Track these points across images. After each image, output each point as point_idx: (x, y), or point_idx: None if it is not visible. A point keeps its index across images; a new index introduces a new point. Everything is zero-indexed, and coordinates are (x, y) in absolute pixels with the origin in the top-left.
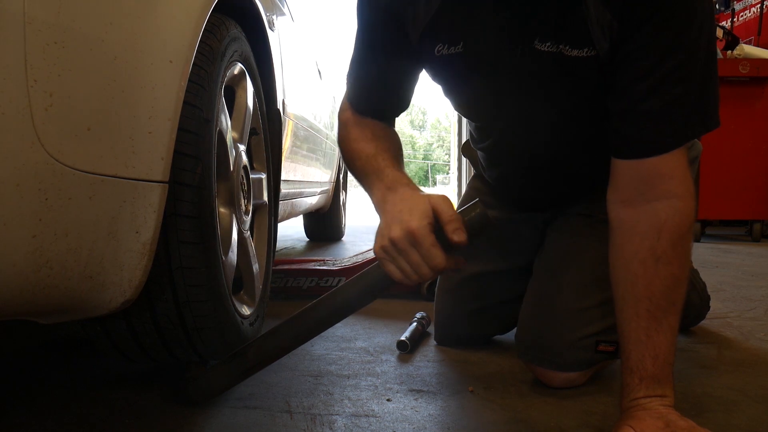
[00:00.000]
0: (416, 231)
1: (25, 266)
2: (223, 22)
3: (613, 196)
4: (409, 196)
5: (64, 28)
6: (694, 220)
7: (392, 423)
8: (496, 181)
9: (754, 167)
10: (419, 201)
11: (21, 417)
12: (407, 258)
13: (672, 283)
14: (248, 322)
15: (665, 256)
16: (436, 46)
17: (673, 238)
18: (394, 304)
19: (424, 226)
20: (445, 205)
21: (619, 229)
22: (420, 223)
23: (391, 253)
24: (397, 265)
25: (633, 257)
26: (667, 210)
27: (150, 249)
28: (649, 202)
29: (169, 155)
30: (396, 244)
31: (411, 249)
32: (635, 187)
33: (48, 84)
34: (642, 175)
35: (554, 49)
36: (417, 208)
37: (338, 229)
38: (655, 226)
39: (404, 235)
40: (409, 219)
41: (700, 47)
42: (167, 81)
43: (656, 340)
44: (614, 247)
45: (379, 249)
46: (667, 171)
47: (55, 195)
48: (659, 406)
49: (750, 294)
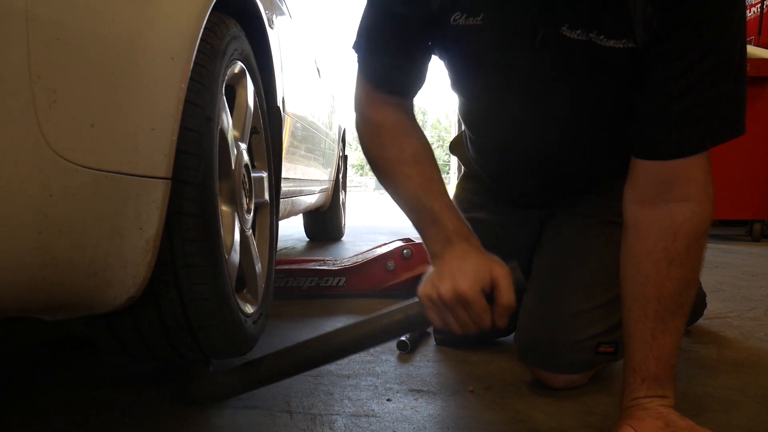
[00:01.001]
0: (466, 294)
1: (30, 262)
2: (223, 21)
3: (631, 195)
4: (470, 255)
5: (67, 24)
6: (710, 224)
7: (392, 423)
8: (495, 177)
9: (754, 167)
10: (479, 265)
11: (21, 417)
12: (454, 315)
13: (683, 286)
14: (252, 320)
15: (679, 258)
16: (453, 13)
17: (688, 241)
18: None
19: (477, 291)
20: (506, 284)
21: (633, 228)
22: (473, 286)
23: (438, 305)
24: (442, 317)
25: (646, 257)
26: (685, 212)
27: (154, 246)
28: (667, 204)
29: (171, 152)
30: (444, 300)
31: (459, 308)
32: (655, 188)
33: (51, 80)
34: (664, 177)
35: (584, 38)
36: (474, 272)
37: (338, 229)
38: (672, 228)
39: (453, 295)
40: (462, 279)
41: (736, 51)
42: (169, 78)
43: (661, 341)
44: (627, 246)
45: (425, 297)
46: (690, 174)
47: (60, 191)
48: (659, 406)
49: (750, 294)
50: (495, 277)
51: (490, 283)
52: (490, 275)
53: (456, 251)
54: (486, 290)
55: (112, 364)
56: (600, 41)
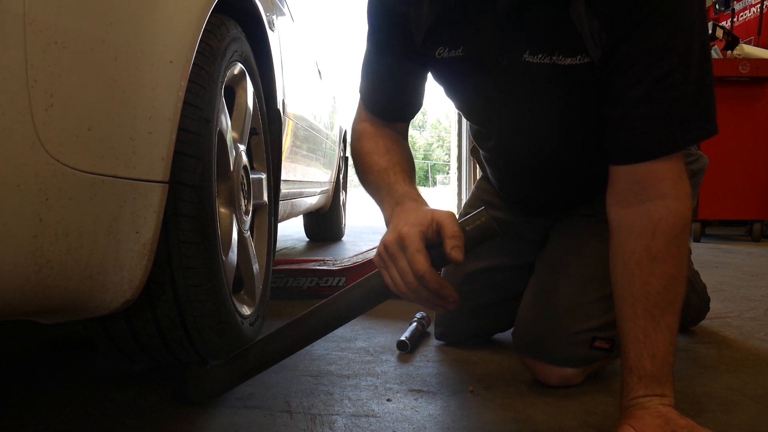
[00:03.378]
0: (405, 235)
1: (26, 266)
2: (223, 23)
3: (611, 198)
4: (413, 208)
5: (65, 28)
6: (690, 220)
7: (392, 423)
8: (499, 184)
9: (754, 167)
10: (421, 212)
11: (21, 417)
12: (396, 264)
13: (668, 282)
14: (248, 322)
15: (660, 255)
16: (437, 48)
17: (667, 238)
18: (394, 304)
19: (415, 232)
20: (449, 220)
21: (617, 229)
22: (411, 229)
23: (384, 258)
24: (389, 272)
25: (630, 257)
26: (661, 210)
27: (150, 249)
28: (644, 203)
29: (169, 155)
30: (387, 248)
31: (399, 254)
32: (630, 189)
33: (48, 84)
34: (637, 179)
35: (548, 61)
36: (416, 218)
37: (338, 229)
38: (649, 226)
39: (394, 239)
40: (403, 225)
41: (693, 52)
42: (167, 81)
43: (654, 339)
44: (613, 248)
45: (376, 256)
46: (662, 174)
47: (56, 195)
48: (659, 405)
49: (750, 294)
50: (437, 219)
51: (433, 226)
52: (432, 218)
53: (403, 209)
54: (428, 234)
55: (111, 365)
56: (561, 61)
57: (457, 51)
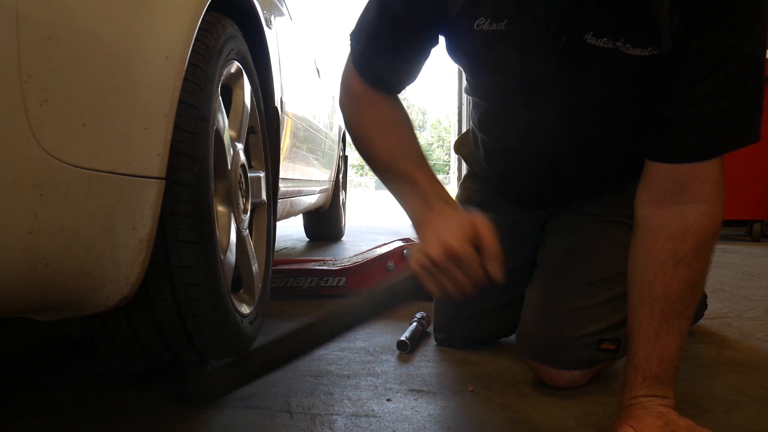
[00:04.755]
0: (457, 249)
1: (21, 263)
2: (219, 21)
3: (644, 196)
4: (451, 215)
5: (58, 23)
6: (721, 227)
7: (392, 423)
8: (504, 177)
9: (754, 167)
10: (462, 220)
11: (21, 417)
12: (447, 274)
13: (689, 287)
14: (248, 321)
15: (686, 259)
16: (477, 19)
17: (697, 243)
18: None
19: (465, 243)
20: (489, 235)
21: (644, 228)
22: (462, 244)
23: (432, 271)
24: (439, 283)
25: (654, 257)
26: (695, 214)
27: (147, 246)
28: (679, 205)
29: (165, 152)
30: (435, 261)
31: (452, 266)
32: (668, 190)
33: (42, 80)
34: (677, 179)
35: (610, 46)
36: (459, 227)
37: (338, 229)
38: (681, 229)
39: (443, 251)
40: (449, 236)
41: (756, 59)
42: (162, 77)
43: (665, 341)
44: (636, 245)
45: (418, 266)
46: (703, 177)
47: (51, 191)
48: (659, 405)
49: (750, 294)
50: (478, 228)
51: (475, 235)
52: (472, 227)
53: (435, 212)
54: (472, 242)
55: (111, 365)
56: (626, 49)
57: (500, 24)
